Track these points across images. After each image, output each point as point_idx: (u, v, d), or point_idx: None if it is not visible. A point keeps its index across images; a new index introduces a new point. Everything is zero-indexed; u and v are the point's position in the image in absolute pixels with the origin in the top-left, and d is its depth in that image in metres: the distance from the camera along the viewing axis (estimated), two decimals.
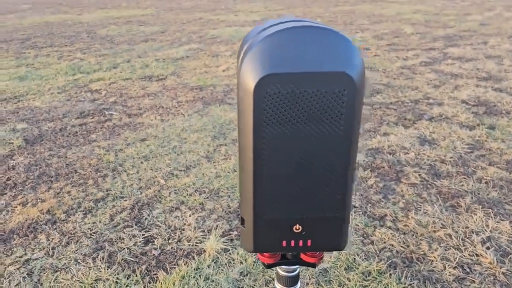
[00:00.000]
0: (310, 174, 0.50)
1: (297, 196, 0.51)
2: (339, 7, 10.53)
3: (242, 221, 0.54)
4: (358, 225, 1.84)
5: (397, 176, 2.24)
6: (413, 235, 1.75)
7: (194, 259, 1.65)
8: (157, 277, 1.57)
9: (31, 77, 4.48)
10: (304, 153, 0.49)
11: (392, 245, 1.70)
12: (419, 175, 2.24)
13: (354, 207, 1.99)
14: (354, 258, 1.63)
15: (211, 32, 7.26)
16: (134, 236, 1.80)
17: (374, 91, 3.73)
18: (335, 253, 1.66)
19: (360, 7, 10.53)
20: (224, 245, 1.73)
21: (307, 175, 0.50)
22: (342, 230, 0.54)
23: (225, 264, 1.63)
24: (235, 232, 1.83)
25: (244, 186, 0.52)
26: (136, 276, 1.57)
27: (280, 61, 0.45)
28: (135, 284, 1.53)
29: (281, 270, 0.65)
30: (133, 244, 1.75)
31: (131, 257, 1.67)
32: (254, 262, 1.66)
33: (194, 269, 1.60)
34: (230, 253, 1.69)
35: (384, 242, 1.72)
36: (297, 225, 0.53)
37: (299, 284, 0.68)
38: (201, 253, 1.69)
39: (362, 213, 1.93)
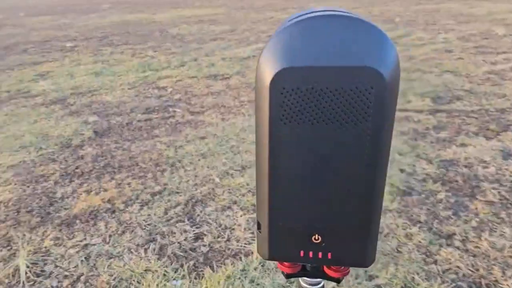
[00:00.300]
0: (331, 180, 0.47)
1: (315, 203, 0.48)
2: (422, 6, 10.03)
3: (259, 226, 0.52)
4: (421, 242, 1.74)
5: (472, 192, 2.08)
6: (484, 258, 1.62)
7: (241, 260, 1.68)
8: (203, 274, 1.62)
9: (105, 73, 4.88)
10: (324, 156, 0.46)
11: (459, 267, 1.58)
12: (499, 192, 2.06)
13: (419, 222, 1.88)
14: (413, 277, 1.55)
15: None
16: (185, 231, 1.88)
17: (453, 97, 3.50)
18: (385, 271, 1.59)
19: (446, 5, 9.93)
20: None
21: (328, 181, 0.47)
22: (368, 245, 0.50)
23: (272, 268, 1.64)
24: None
25: (259, 188, 0.50)
26: (184, 270, 1.64)
27: (300, 53, 0.42)
28: (181, 278, 1.60)
29: (303, 282, 0.63)
30: (184, 239, 1.83)
31: (180, 252, 1.75)
32: None
33: (240, 270, 1.63)
34: None
35: (450, 263, 1.61)
36: (316, 235, 0.50)
37: None
38: (249, 255, 1.72)
39: (427, 229, 1.82)
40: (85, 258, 1.74)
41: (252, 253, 1.73)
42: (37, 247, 1.81)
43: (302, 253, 0.51)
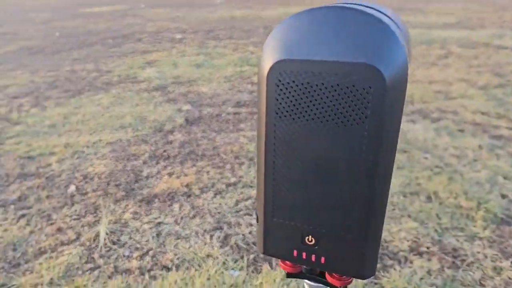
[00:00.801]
0: (327, 180, 0.46)
1: (309, 202, 0.48)
2: None
3: (257, 219, 0.53)
4: (511, 279, 1.57)
5: None
6: None
7: None
8: (261, 269, 1.67)
9: (206, 65, 5.21)
10: (320, 155, 0.45)
11: None
12: None
13: None
14: None
15: None
16: (251, 224, 1.95)
17: None
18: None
19: None
20: None
21: (323, 181, 0.46)
22: (366, 254, 0.48)
23: None
24: None
25: (257, 180, 0.51)
26: (243, 262, 1.71)
27: (298, 45, 0.42)
28: (239, 270, 1.67)
29: (307, 286, 0.63)
30: (249, 232, 1.89)
31: (243, 244, 1.82)
32: (365, 284, 1.60)
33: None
34: None
35: None
36: (310, 236, 0.49)
37: None
38: None
39: None
40: (156, 234, 1.91)
41: None
42: (117, 218, 2.04)
43: (295, 252, 0.51)
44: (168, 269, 1.69)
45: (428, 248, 1.81)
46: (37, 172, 2.55)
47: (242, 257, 1.74)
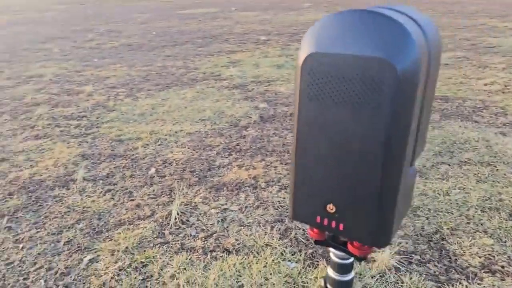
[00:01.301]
0: (345, 156, 0.53)
1: (332, 174, 0.55)
2: None
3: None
4: None
5: None
6: None
7: (360, 264, 1.68)
8: (317, 265, 1.69)
9: (286, 66, 5.30)
10: (341, 134, 0.52)
11: None
12: None
13: None
14: None
15: (489, 40, 6.53)
16: None
17: None
18: None
19: None
20: (398, 264, 1.68)
21: (343, 156, 0.53)
22: (381, 225, 0.53)
23: (392, 282, 1.59)
24: (417, 257, 1.73)
25: (292, 156, 0.60)
26: (300, 256, 1.74)
27: (328, 41, 0.50)
28: (296, 262, 1.71)
29: (333, 255, 0.69)
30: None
31: (302, 238, 1.85)
32: None
33: (355, 272, 1.63)
34: (401, 274, 1.63)
35: None
36: (331, 204, 0.56)
37: (352, 274, 0.68)
38: (370, 262, 1.70)
39: None
40: (221, 219, 2.01)
41: (375, 261, 1.70)
42: (188, 201, 2.19)
43: (318, 218, 0.59)
44: (229, 252, 1.78)
45: (502, 267, 1.69)
46: (125, 154, 2.81)
47: (300, 251, 1.77)
